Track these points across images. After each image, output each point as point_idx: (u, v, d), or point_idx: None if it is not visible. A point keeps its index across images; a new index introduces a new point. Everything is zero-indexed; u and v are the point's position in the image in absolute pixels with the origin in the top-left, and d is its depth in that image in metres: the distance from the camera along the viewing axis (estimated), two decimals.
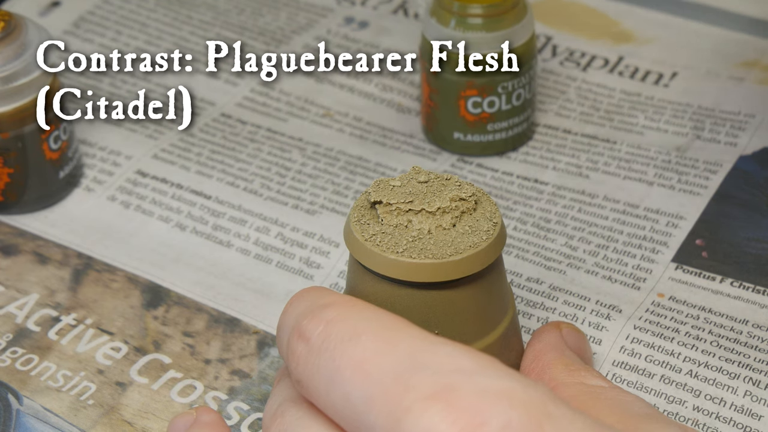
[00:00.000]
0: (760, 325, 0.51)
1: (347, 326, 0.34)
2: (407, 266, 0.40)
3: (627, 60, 0.68)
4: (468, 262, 0.40)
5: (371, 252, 0.40)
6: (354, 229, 0.41)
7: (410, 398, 0.31)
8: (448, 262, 0.40)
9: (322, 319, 0.35)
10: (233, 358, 0.51)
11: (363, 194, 0.42)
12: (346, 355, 0.33)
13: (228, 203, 0.60)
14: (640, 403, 0.40)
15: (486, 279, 0.42)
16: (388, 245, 0.40)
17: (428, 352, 0.33)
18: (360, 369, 0.33)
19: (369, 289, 0.41)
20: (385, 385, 0.32)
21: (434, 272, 0.40)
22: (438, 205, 0.41)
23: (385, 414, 0.32)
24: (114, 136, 0.65)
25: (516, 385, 0.32)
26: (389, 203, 0.41)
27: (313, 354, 0.35)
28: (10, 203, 0.59)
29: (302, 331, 0.35)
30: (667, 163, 0.60)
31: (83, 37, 0.73)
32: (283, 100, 0.67)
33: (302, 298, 0.37)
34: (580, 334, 0.47)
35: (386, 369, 0.32)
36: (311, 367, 0.34)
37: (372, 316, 0.35)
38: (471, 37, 0.58)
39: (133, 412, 0.49)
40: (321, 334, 0.35)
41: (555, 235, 0.57)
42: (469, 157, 0.62)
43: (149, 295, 0.55)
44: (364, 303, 0.36)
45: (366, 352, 0.33)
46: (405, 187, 0.42)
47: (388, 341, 0.33)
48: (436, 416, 0.31)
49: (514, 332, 0.45)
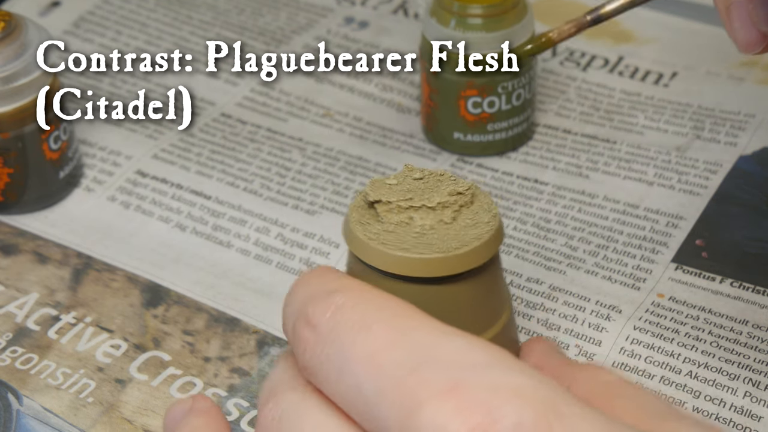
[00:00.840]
0: (760, 326, 0.51)
1: (357, 314, 0.34)
2: (416, 262, 0.40)
3: (627, 60, 0.68)
4: (475, 254, 0.41)
5: (377, 250, 0.40)
6: (355, 229, 0.41)
7: (423, 393, 0.31)
8: (455, 255, 0.40)
9: (330, 305, 0.34)
10: (233, 357, 0.51)
11: (359, 195, 0.42)
12: (357, 345, 0.33)
13: (228, 203, 0.60)
14: (659, 402, 0.40)
15: (488, 271, 0.42)
16: (393, 243, 0.40)
17: (441, 344, 0.33)
18: (372, 361, 0.32)
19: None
20: (398, 378, 0.32)
21: (443, 266, 0.40)
22: (437, 200, 0.41)
23: (397, 407, 0.31)
24: (114, 136, 0.65)
25: (527, 382, 0.31)
26: (389, 201, 0.41)
27: (321, 342, 0.34)
28: (10, 203, 0.59)
29: (309, 317, 0.35)
30: (667, 163, 0.60)
31: (83, 37, 0.73)
32: (283, 100, 0.67)
33: (309, 281, 0.36)
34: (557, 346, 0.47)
35: (398, 361, 0.32)
36: (320, 355, 0.34)
37: (383, 303, 0.34)
38: (471, 37, 0.58)
39: (133, 409, 0.49)
40: (329, 320, 0.34)
41: (555, 235, 0.57)
42: (469, 157, 0.62)
43: (149, 295, 0.55)
44: (373, 288, 0.35)
45: (377, 343, 0.33)
46: (401, 185, 0.42)
47: (400, 332, 0.33)
48: (448, 414, 0.31)
49: (513, 325, 0.45)
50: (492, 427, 0.30)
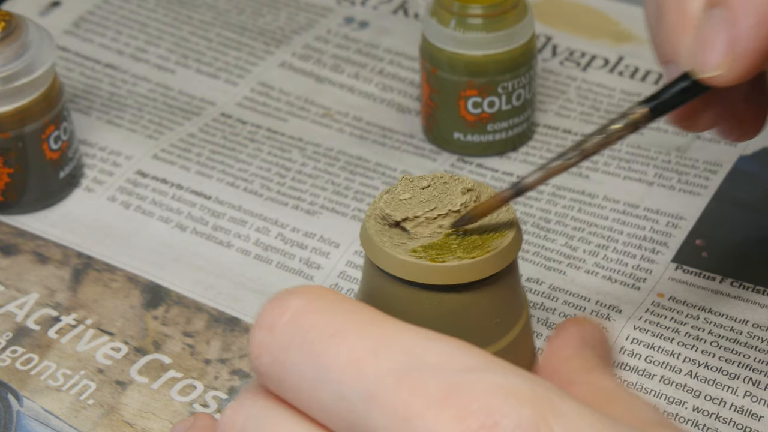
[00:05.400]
0: (760, 325, 0.51)
1: (322, 319, 0.32)
2: (472, 267, 0.40)
3: (627, 60, 0.68)
4: (516, 242, 0.41)
5: (432, 267, 0.40)
6: (397, 253, 0.40)
7: (418, 402, 0.30)
8: (501, 250, 0.40)
9: (286, 307, 0.33)
10: (233, 358, 0.51)
11: (372, 220, 0.42)
12: (331, 352, 0.32)
13: (228, 203, 0.60)
14: (653, 411, 0.40)
15: (513, 267, 0.42)
16: (444, 256, 0.40)
17: (427, 349, 0.32)
18: (354, 368, 0.31)
19: (408, 299, 0.41)
20: (387, 385, 0.31)
21: (496, 262, 0.40)
22: (459, 201, 0.41)
23: (390, 415, 0.31)
24: (114, 136, 0.65)
25: (521, 382, 0.31)
26: (416, 216, 0.41)
27: (283, 347, 0.32)
28: (10, 203, 0.59)
29: (263, 320, 0.33)
30: (667, 163, 0.60)
31: (83, 37, 0.73)
32: (283, 100, 0.67)
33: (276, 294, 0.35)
34: (600, 331, 0.47)
35: (385, 368, 0.31)
36: (283, 361, 0.32)
37: (348, 308, 0.33)
38: (471, 37, 0.58)
39: (134, 412, 0.49)
40: (288, 324, 0.32)
41: (555, 235, 0.57)
42: (469, 157, 0.62)
43: (149, 295, 0.55)
44: (335, 293, 0.34)
45: (356, 350, 0.32)
46: (416, 197, 0.42)
47: (378, 338, 0.32)
48: (448, 422, 0.30)
49: (530, 327, 0.45)
50: (494, 429, 0.30)
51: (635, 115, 0.39)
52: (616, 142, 0.40)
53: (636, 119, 0.39)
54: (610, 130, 0.39)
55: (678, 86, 0.39)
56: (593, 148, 0.39)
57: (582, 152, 0.39)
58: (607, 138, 0.39)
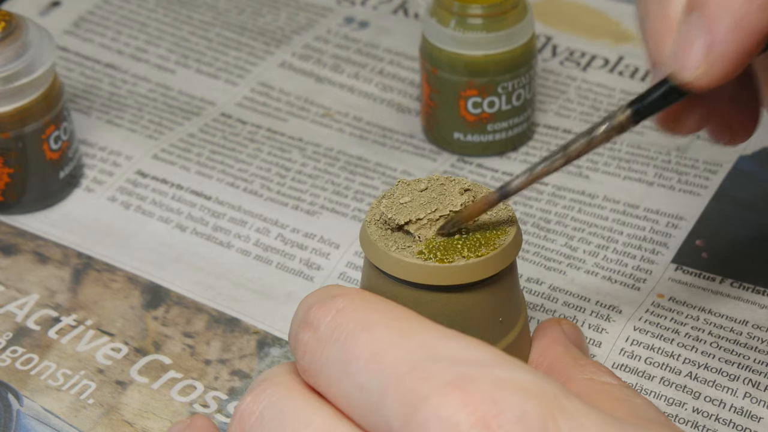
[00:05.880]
0: (760, 326, 0.51)
1: (358, 317, 0.34)
2: (480, 265, 0.40)
3: (627, 60, 0.68)
4: (518, 239, 0.41)
5: (441, 268, 0.40)
6: (403, 256, 0.41)
7: (428, 387, 0.32)
8: (506, 247, 0.41)
9: (331, 308, 0.35)
10: (233, 359, 0.51)
11: (371, 224, 0.42)
12: (359, 345, 0.33)
13: (228, 204, 0.60)
14: (650, 408, 0.40)
15: (514, 263, 0.43)
16: (451, 256, 0.40)
17: (443, 344, 0.33)
18: (374, 359, 0.33)
19: (409, 296, 0.41)
20: (401, 374, 0.32)
21: (503, 259, 0.41)
22: (459, 201, 0.41)
23: (400, 402, 0.32)
24: (114, 136, 0.65)
25: (529, 378, 0.32)
26: (418, 219, 0.41)
27: (322, 343, 0.35)
28: (10, 203, 0.59)
29: (310, 320, 0.35)
30: (667, 163, 0.60)
31: (83, 37, 0.73)
32: (283, 100, 0.67)
33: (313, 293, 0.37)
34: (578, 331, 0.47)
35: (401, 359, 0.33)
36: (321, 357, 0.34)
37: (382, 307, 0.35)
38: (471, 37, 0.58)
39: (134, 412, 0.49)
40: (330, 323, 0.35)
41: (555, 235, 0.57)
42: (469, 157, 0.62)
43: (149, 296, 0.55)
44: (374, 295, 0.36)
45: (379, 342, 0.33)
46: (416, 200, 0.42)
47: (401, 333, 0.33)
48: (454, 405, 0.31)
49: (528, 326, 0.45)
50: (497, 418, 0.31)
51: (619, 118, 0.40)
52: (600, 146, 0.40)
53: (619, 122, 0.40)
54: (594, 134, 0.40)
55: (660, 89, 0.39)
56: (578, 152, 0.40)
57: (566, 155, 0.40)
58: (591, 141, 0.40)
